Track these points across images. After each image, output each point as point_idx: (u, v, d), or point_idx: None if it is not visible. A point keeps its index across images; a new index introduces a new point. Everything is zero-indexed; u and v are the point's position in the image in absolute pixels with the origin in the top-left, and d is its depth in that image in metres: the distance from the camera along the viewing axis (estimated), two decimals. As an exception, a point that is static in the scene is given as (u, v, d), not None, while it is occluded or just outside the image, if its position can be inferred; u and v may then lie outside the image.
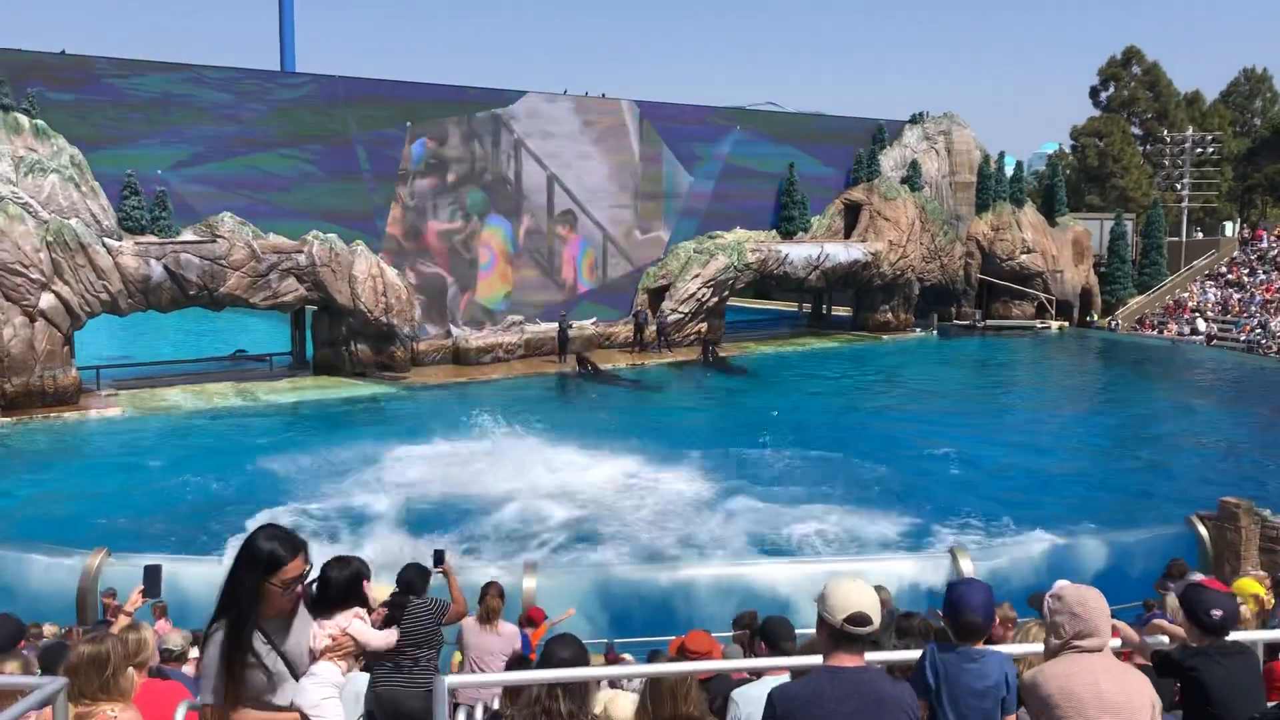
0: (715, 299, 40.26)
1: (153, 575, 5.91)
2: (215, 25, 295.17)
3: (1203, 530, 16.59)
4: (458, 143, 35.83)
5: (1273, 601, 9.51)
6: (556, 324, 36.64)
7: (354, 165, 33.66)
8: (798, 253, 41.95)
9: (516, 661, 7.65)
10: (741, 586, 12.79)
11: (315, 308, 33.14)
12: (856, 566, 13.87)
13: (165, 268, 28.68)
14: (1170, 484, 22.32)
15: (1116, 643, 5.08)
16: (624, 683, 6.55)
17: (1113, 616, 4.02)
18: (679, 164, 41.18)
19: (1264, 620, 8.62)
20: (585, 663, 4.48)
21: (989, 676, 3.94)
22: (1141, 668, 4.35)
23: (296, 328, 35.31)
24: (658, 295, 39.88)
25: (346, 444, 23.95)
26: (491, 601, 8.10)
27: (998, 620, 8.53)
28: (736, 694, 5.16)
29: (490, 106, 36.56)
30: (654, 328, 38.86)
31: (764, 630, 6.25)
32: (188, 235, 29.75)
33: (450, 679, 4.19)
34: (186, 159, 30.57)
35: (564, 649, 4.52)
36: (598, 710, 5.56)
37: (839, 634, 3.50)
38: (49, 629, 10.17)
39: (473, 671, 7.94)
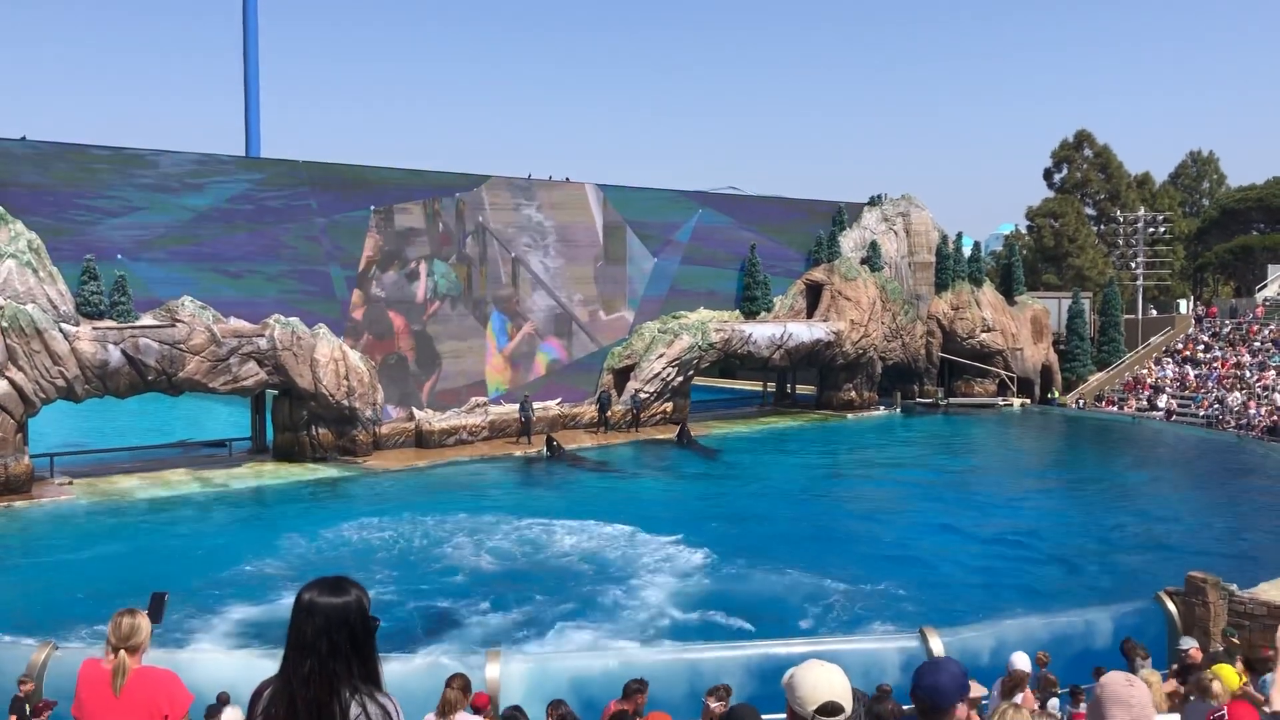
0: (680, 378, 40.36)
1: (158, 602, 5.64)
2: (181, 111, 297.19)
3: (1171, 606, 16.51)
4: (422, 226, 35.96)
5: (1245, 679, 9.42)
6: (519, 405, 36.50)
7: (317, 248, 33.63)
8: (761, 332, 42.23)
9: None
10: (703, 669, 12.50)
11: (276, 392, 32.80)
12: (822, 648, 13.65)
13: (123, 353, 28.33)
14: (1138, 559, 22.31)
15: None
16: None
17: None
18: (642, 245, 41.55)
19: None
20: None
21: None
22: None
23: (257, 412, 34.89)
24: (622, 375, 39.89)
25: (300, 528, 23.61)
26: (449, 694, 7.62)
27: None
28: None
29: (455, 190, 36.81)
30: (620, 407, 38.80)
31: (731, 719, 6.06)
32: (147, 320, 29.46)
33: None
34: (147, 244, 30.40)
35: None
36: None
37: (810, 724, 3.36)
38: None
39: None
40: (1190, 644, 12.49)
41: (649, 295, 41.68)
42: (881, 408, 46.50)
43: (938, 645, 14.36)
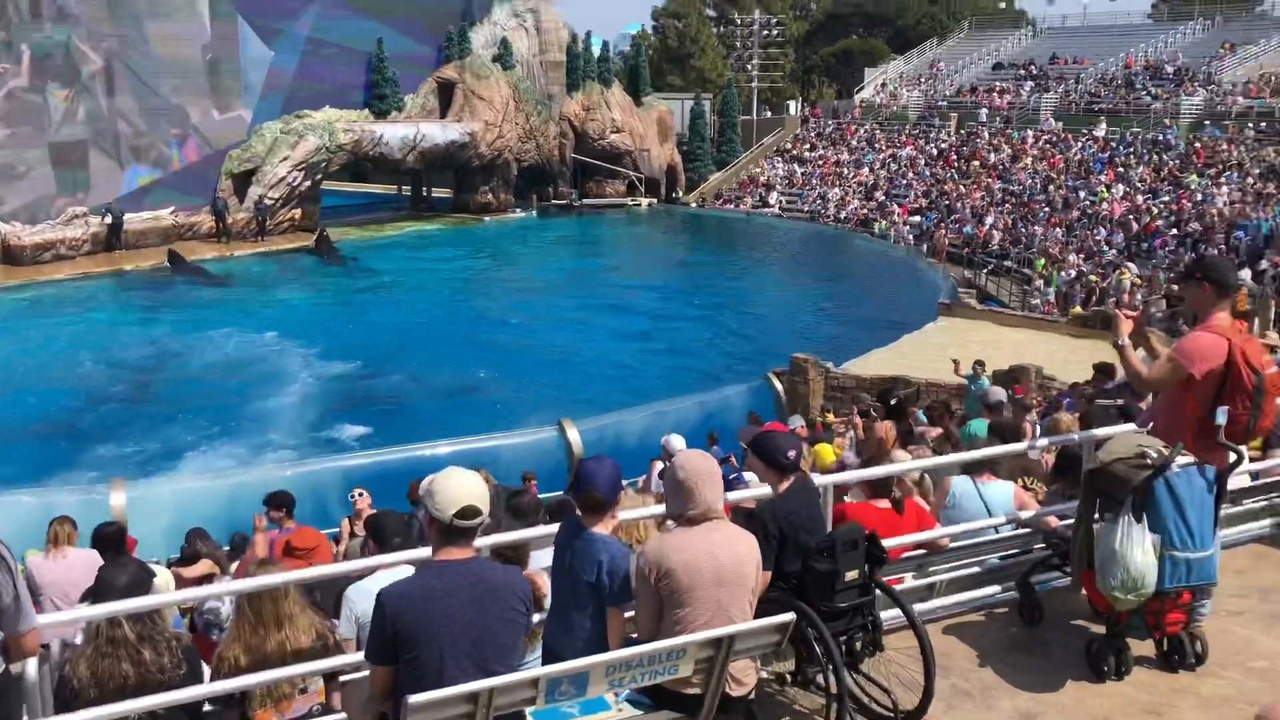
0: (308, 183, 38.29)
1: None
2: None
3: (778, 385, 18.47)
4: (-13, 8, 31.02)
5: (844, 446, 10.71)
6: (104, 211, 32.98)
7: None
8: (393, 133, 40.71)
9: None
10: (347, 479, 12.48)
11: None
12: (465, 447, 14.03)
13: None
14: (753, 345, 24.42)
15: (746, 493, 5.36)
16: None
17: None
18: (257, 37, 38.16)
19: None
20: (147, 582, 4.15)
21: (593, 559, 3.96)
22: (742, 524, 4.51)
23: None
24: (244, 180, 37.19)
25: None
26: (59, 528, 7.18)
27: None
28: (350, 591, 5.02)
29: (26, -34, 31.83)
30: (244, 215, 36.36)
31: (371, 526, 6.10)
32: None
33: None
34: None
35: (121, 573, 4.15)
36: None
37: (448, 529, 3.45)
38: None
39: (53, 611, 7.16)
40: (798, 422, 14.02)
41: (268, 92, 38.60)
42: (518, 210, 46.77)
43: (574, 435, 15.18)
